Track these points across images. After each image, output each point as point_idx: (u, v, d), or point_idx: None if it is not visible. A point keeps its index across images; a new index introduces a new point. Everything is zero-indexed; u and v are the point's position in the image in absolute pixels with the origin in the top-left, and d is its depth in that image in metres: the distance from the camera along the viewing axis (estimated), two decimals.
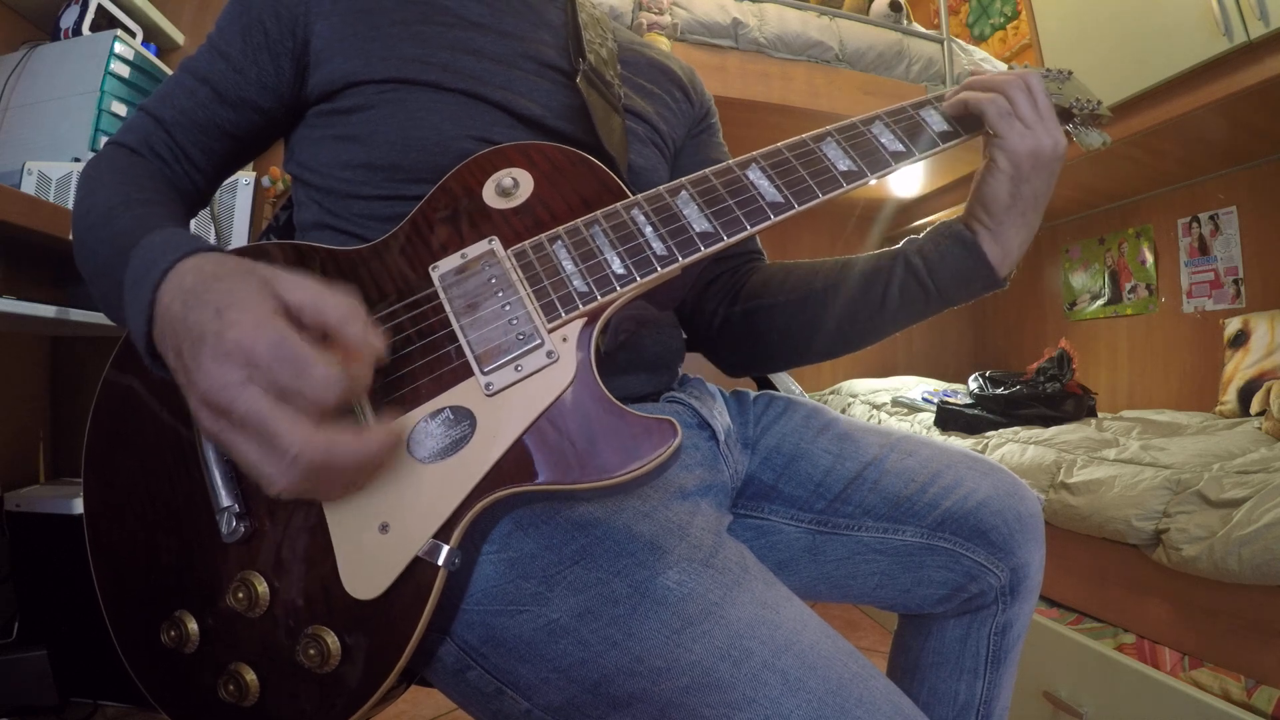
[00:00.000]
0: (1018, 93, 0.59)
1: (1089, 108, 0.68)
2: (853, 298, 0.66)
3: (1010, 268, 0.62)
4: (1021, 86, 0.60)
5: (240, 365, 0.36)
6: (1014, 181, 0.59)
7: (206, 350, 0.37)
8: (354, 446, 0.38)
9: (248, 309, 0.38)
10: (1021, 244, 0.62)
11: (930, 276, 0.63)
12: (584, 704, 0.45)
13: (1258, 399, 1.88)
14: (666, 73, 0.76)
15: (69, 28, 1.39)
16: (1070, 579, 1.51)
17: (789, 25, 2.33)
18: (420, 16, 0.60)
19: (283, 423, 0.36)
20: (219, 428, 0.38)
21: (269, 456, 0.36)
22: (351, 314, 0.40)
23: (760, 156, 0.56)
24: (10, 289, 1.04)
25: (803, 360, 0.74)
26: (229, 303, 0.38)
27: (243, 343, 0.36)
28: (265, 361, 0.36)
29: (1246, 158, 2.16)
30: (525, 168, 0.54)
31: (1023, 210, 0.60)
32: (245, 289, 0.39)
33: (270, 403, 0.36)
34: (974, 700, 0.67)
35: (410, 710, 1.44)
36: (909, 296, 0.64)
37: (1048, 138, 0.59)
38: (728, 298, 0.75)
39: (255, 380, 0.36)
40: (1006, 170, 0.59)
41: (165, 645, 0.47)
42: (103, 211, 0.52)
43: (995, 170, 0.60)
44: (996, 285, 0.63)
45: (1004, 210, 0.60)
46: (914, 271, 0.63)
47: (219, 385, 0.36)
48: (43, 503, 1.22)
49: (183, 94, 0.60)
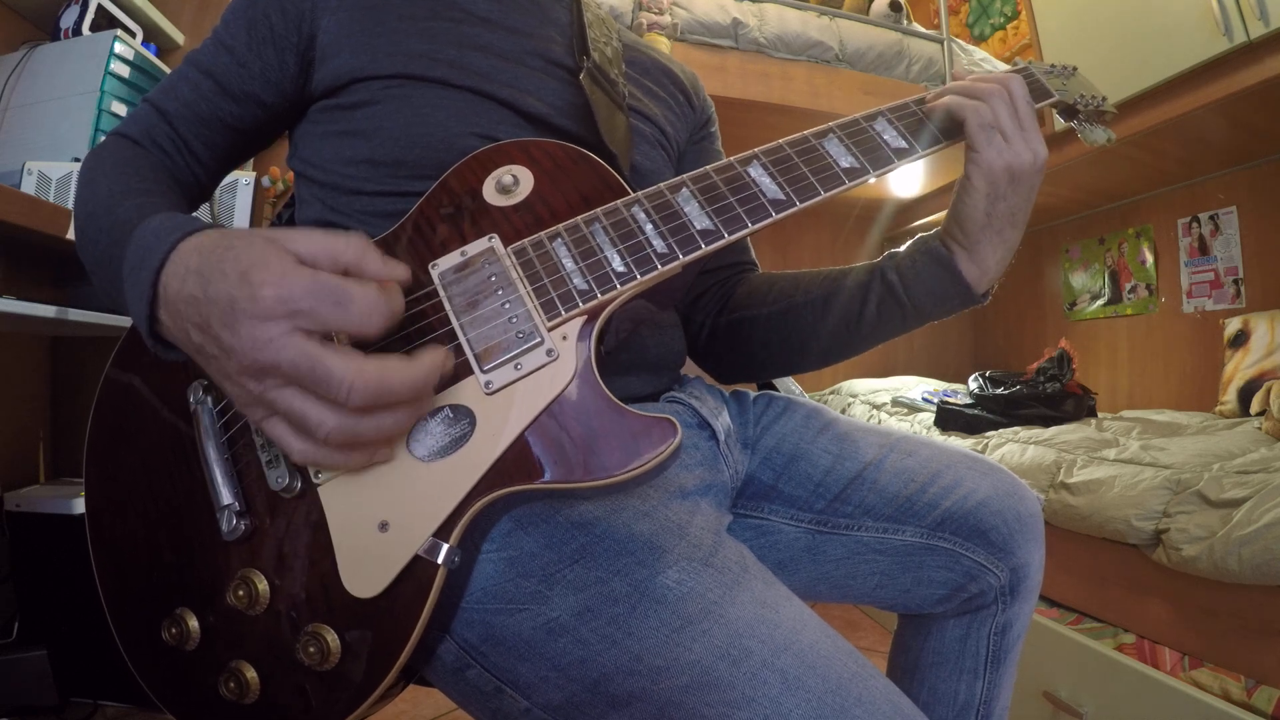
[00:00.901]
0: (999, 102, 0.57)
1: (1093, 104, 0.67)
2: (831, 313, 0.66)
3: (989, 284, 0.61)
4: (1003, 95, 0.58)
5: (282, 318, 0.37)
6: (989, 199, 0.57)
7: (242, 315, 0.38)
8: (406, 370, 0.39)
9: (270, 266, 0.38)
10: (1000, 261, 0.60)
11: (906, 294, 0.62)
12: (583, 703, 0.45)
13: (1258, 399, 1.88)
14: (670, 76, 0.76)
15: (69, 28, 1.39)
16: (1070, 579, 1.51)
17: (789, 25, 2.33)
18: (428, 12, 0.60)
19: (331, 358, 0.37)
20: (262, 389, 0.39)
21: (317, 404, 0.38)
22: (366, 248, 0.41)
23: (762, 153, 0.55)
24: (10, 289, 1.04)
25: (786, 371, 0.74)
26: (250, 265, 0.38)
27: (280, 295, 0.37)
28: (307, 305, 0.37)
29: (1246, 158, 2.16)
30: (526, 165, 0.54)
31: (999, 228, 0.58)
32: (260, 250, 0.39)
33: (316, 344, 0.37)
34: (974, 700, 0.67)
35: (410, 710, 1.44)
36: (886, 313, 0.64)
37: (1026, 151, 0.57)
38: (715, 308, 0.75)
39: (298, 326, 0.37)
40: (981, 188, 0.57)
41: (166, 642, 0.47)
42: (103, 200, 0.52)
43: (969, 187, 0.58)
44: (975, 303, 0.62)
45: (979, 229, 0.58)
46: (891, 288, 0.63)
47: (262, 343, 0.37)
48: (43, 503, 1.22)
49: (186, 86, 0.60)
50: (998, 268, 0.60)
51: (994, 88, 0.58)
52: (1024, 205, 0.58)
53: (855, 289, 0.65)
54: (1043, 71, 0.67)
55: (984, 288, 0.61)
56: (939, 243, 0.61)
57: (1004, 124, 0.57)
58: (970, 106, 0.57)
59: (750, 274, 0.78)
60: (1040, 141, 0.58)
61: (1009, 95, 0.58)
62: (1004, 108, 0.57)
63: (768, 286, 0.72)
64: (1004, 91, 0.58)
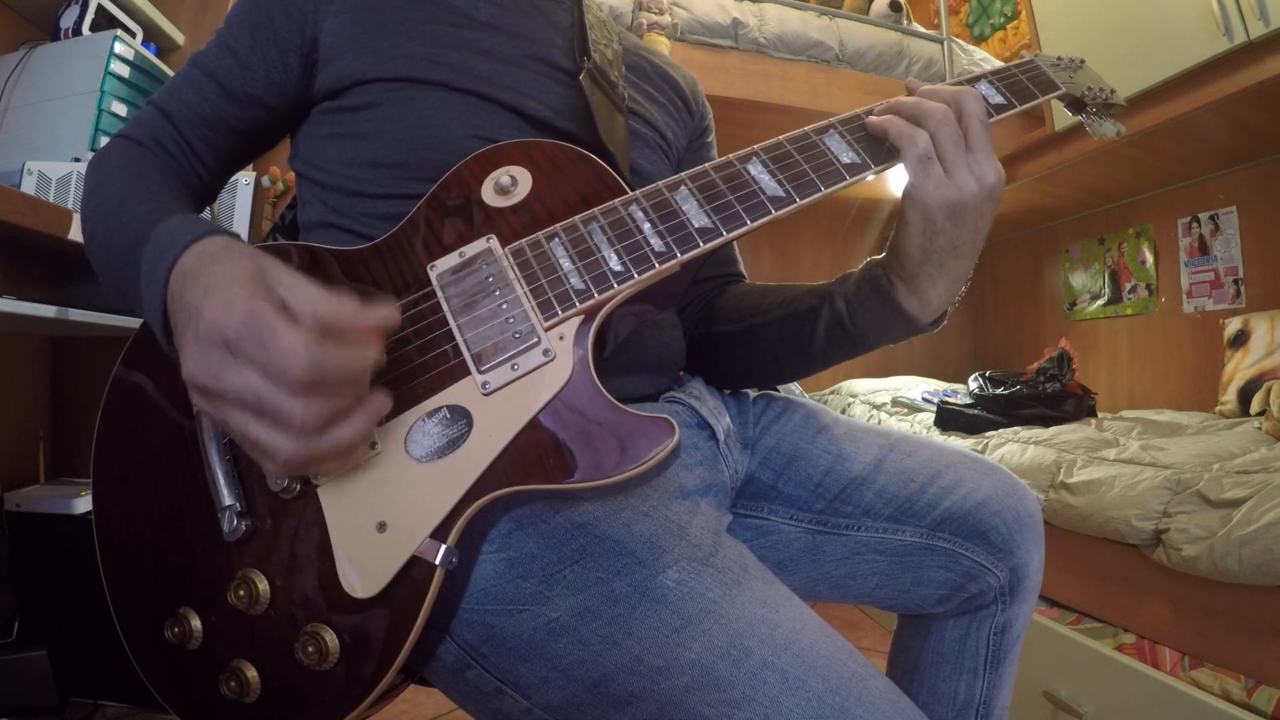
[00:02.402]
0: (943, 128, 0.52)
1: (1102, 96, 0.67)
2: (784, 336, 0.66)
3: (934, 314, 0.58)
4: (948, 118, 0.52)
5: (218, 344, 0.37)
6: (925, 235, 0.53)
7: (190, 331, 0.38)
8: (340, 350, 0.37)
9: (228, 290, 0.38)
10: (943, 293, 0.56)
11: (852, 322, 0.61)
12: (584, 703, 0.45)
13: (1258, 399, 1.88)
14: (670, 82, 0.76)
15: (69, 28, 1.39)
16: (1070, 579, 1.51)
17: (789, 25, 2.33)
18: (430, 16, 0.61)
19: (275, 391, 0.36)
20: (215, 410, 0.39)
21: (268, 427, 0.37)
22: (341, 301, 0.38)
23: (761, 150, 0.55)
24: (10, 289, 1.04)
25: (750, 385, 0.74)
26: (214, 285, 0.39)
27: (218, 321, 0.37)
28: (235, 336, 0.36)
29: (1246, 158, 2.16)
30: (524, 165, 0.54)
31: (939, 262, 0.54)
32: (235, 274, 0.39)
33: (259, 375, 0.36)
34: (973, 700, 0.67)
35: (410, 710, 1.44)
36: (834, 339, 0.63)
37: (970, 181, 0.51)
38: (694, 320, 0.75)
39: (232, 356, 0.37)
40: (916, 223, 0.53)
41: (170, 642, 0.47)
42: (114, 203, 0.52)
43: (904, 221, 0.54)
44: (922, 331, 0.59)
45: (916, 264, 0.55)
46: (838, 317, 0.61)
47: (201, 365, 0.37)
48: (43, 503, 1.22)
49: (190, 89, 0.61)
50: (941, 299, 0.56)
51: (938, 109, 0.52)
52: (969, 236, 0.53)
53: (807, 314, 0.64)
54: (1050, 64, 0.66)
55: (929, 318, 0.58)
56: (882, 273, 0.58)
57: (945, 152, 0.52)
58: (905, 135, 0.52)
59: (733, 284, 0.77)
60: (991, 165, 0.52)
61: (958, 115, 0.53)
62: (947, 132, 0.52)
63: (737, 302, 0.72)
64: (950, 113, 0.52)
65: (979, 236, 0.54)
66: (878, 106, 0.56)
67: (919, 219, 0.53)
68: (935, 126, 0.52)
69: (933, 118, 0.52)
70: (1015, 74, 0.63)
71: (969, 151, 0.52)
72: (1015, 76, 0.63)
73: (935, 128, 0.52)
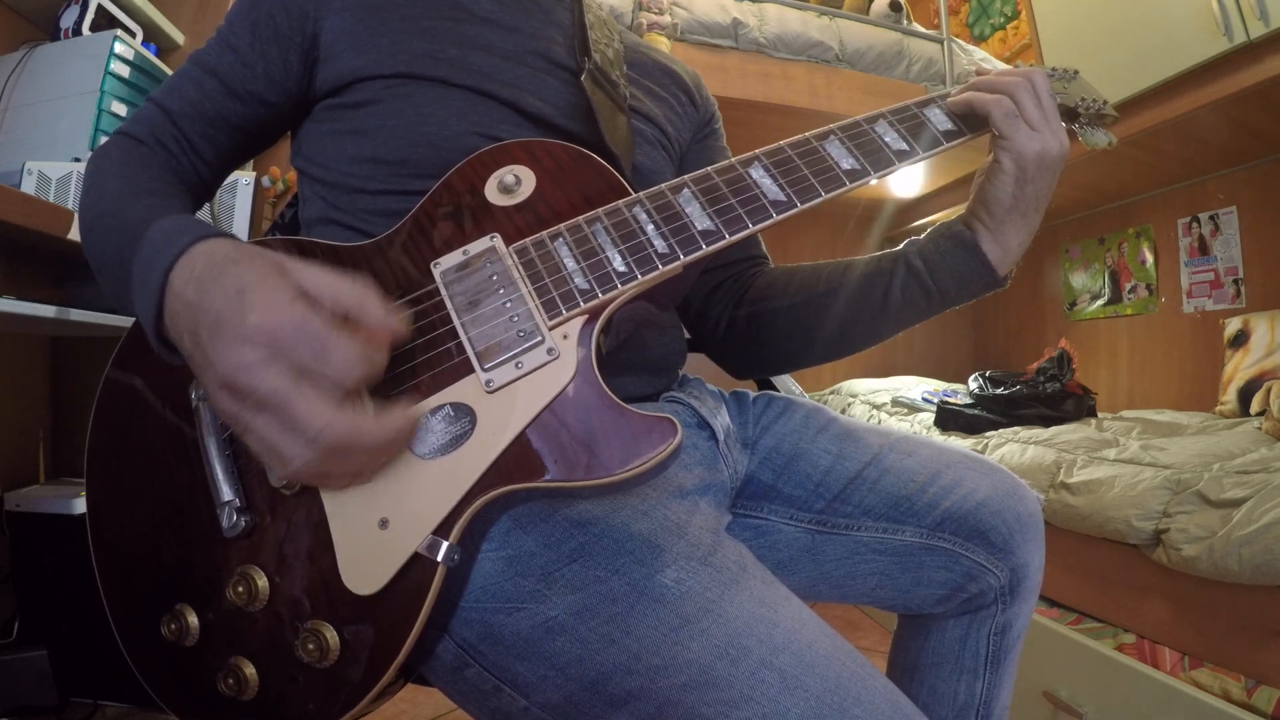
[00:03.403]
0: (1024, 94, 0.59)
1: (1095, 107, 0.67)
2: (855, 299, 0.66)
3: (1010, 267, 0.63)
4: (1028, 87, 0.59)
5: (262, 346, 0.37)
6: (1019, 183, 0.59)
7: (227, 332, 0.38)
8: (374, 429, 0.39)
9: (267, 291, 0.38)
10: (1021, 244, 0.62)
11: (931, 277, 0.63)
12: (582, 702, 0.45)
13: (1258, 399, 1.88)
14: (672, 76, 0.77)
15: (69, 28, 1.39)
16: (1070, 579, 1.51)
17: (789, 25, 2.33)
18: (430, 12, 0.61)
19: (305, 402, 0.37)
20: (238, 408, 0.38)
21: (289, 436, 0.37)
22: (368, 297, 0.41)
23: (763, 154, 0.55)
24: (10, 289, 1.04)
25: (806, 363, 0.74)
26: (247, 284, 0.38)
27: (265, 324, 0.37)
28: (289, 343, 0.37)
29: (1246, 158, 2.17)
30: (528, 164, 0.54)
31: (1024, 211, 0.60)
32: (262, 272, 0.39)
33: (292, 382, 0.37)
34: (973, 700, 0.67)
35: (410, 710, 1.44)
36: (910, 297, 0.64)
37: (1054, 140, 0.58)
38: (732, 301, 0.75)
39: (277, 360, 0.37)
40: (1011, 172, 0.59)
41: (166, 638, 0.47)
42: (111, 201, 0.52)
43: (999, 172, 0.59)
44: (997, 285, 0.63)
45: (1006, 211, 0.60)
46: (915, 273, 0.64)
47: (242, 366, 0.37)
48: (43, 503, 1.22)
49: (191, 86, 0.60)
50: (1019, 249, 0.62)
51: (1018, 80, 0.59)
52: (1047, 190, 0.60)
53: (878, 275, 0.66)
54: (1044, 75, 0.67)
55: (1006, 269, 0.62)
56: (963, 226, 0.63)
57: (1029, 113, 0.58)
58: (992, 100, 0.59)
59: (764, 267, 0.78)
60: (1063, 132, 0.60)
61: (1033, 87, 0.59)
62: (1029, 98, 0.59)
63: (788, 278, 0.72)
64: (1028, 84, 0.59)
65: (1050, 194, 0.61)
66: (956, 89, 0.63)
67: (1014, 166, 0.58)
68: (1018, 94, 0.59)
69: (1014, 86, 0.59)
70: None
71: (1046, 119, 0.59)
72: None
73: (1017, 94, 0.59)
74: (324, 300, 0.40)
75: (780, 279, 0.73)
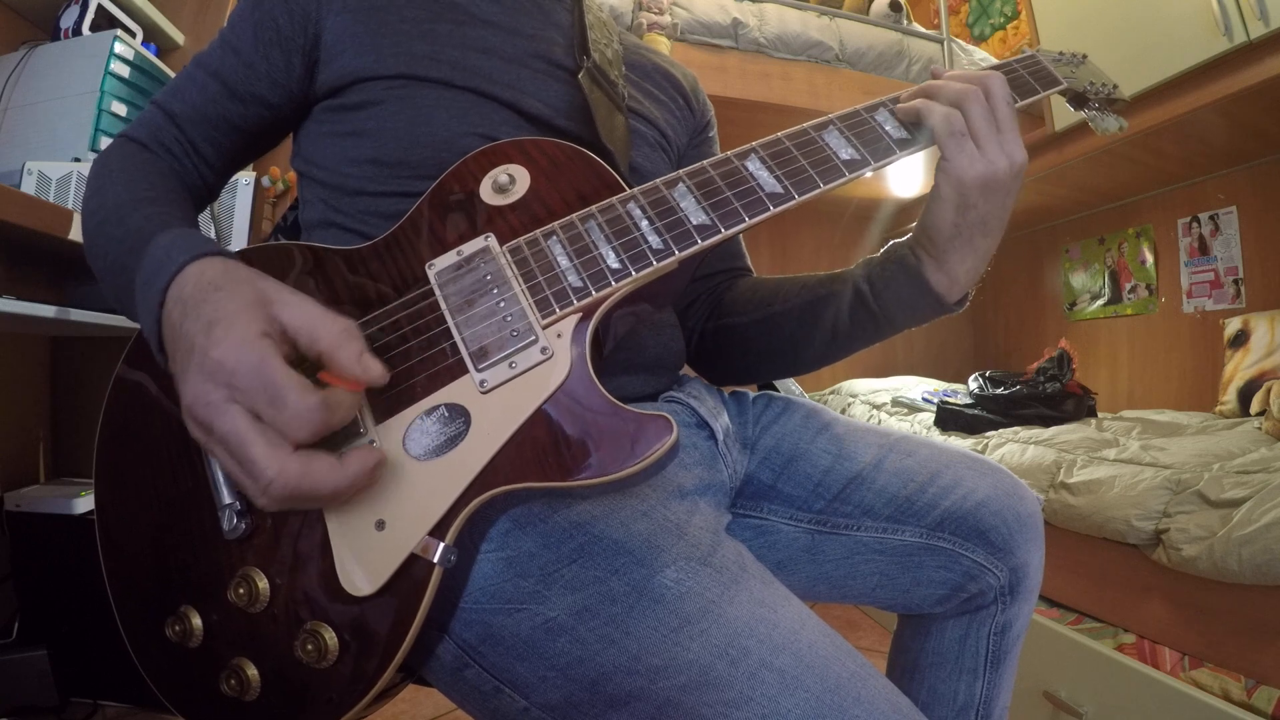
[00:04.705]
0: (974, 106, 0.54)
1: (1104, 92, 0.66)
2: (807, 322, 0.66)
3: (961, 293, 0.59)
4: (979, 97, 0.54)
5: (223, 385, 0.37)
6: (958, 209, 0.54)
7: (194, 364, 0.38)
8: (328, 477, 0.38)
9: (234, 327, 0.38)
10: (970, 270, 0.57)
11: (877, 303, 0.61)
12: (582, 702, 0.45)
13: (1258, 399, 1.88)
14: (670, 80, 0.77)
15: (69, 28, 1.39)
16: (1070, 579, 1.51)
17: (789, 25, 2.33)
18: (431, 14, 0.61)
19: (257, 447, 0.36)
20: (204, 438, 0.39)
21: (246, 475, 0.37)
22: (344, 341, 0.40)
23: (760, 146, 0.55)
24: (10, 289, 1.04)
25: (769, 377, 0.74)
26: (219, 317, 0.39)
27: (225, 363, 0.37)
28: (244, 385, 0.37)
29: (1246, 158, 2.16)
30: (522, 163, 0.54)
31: (969, 238, 0.55)
32: (238, 305, 0.39)
33: (248, 425, 0.37)
34: (973, 700, 0.67)
35: (410, 710, 1.44)
36: (859, 322, 0.63)
37: (1001, 158, 0.53)
38: (704, 314, 0.75)
39: (236, 401, 0.37)
40: (950, 199, 0.54)
41: (170, 639, 0.47)
42: (113, 209, 0.52)
43: (937, 198, 0.55)
44: (948, 311, 0.60)
45: (948, 240, 0.56)
46: (862, 298, 0.62)
47: (201, 401, 0.37)
48: (43, 503, 1.22)
49: (194, 88, 0.61)
50: (968, 277, 0.57)
51: (969, 89, 0.54)
52: (998, 213, 0.55)
53: (829, 298, 0.64)
54: (1051, 59, 0.66)
55: (956, 296, 0.59)
56: (909, 250, 0.59)
57: (977, 129, 0.54)
58: (940, 113, 0.54)
59: (742, 278, 0.77)
60: (1018, 146, 0.54)
61: (985, 96, 0.55)
62: (978, 111, 0.54)
63: (751, 293, 0.72)
64: (980, 92, 0.54)
65: (1005, 214, 0.56)
66: (906, 92, 0.58)
67: (953, 193, 0.54)
68: (967, 105, 0.54)
69: (964, 97, 0.54)
70: (1017, 69, 0.63)
71: (999, 132, 0.54)
72: (1017, 71, 0.63)
73: (967, 106, 0.54)
74: (300, 340, 0.40)
75: (746, 293, 0.73)
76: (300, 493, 0.37)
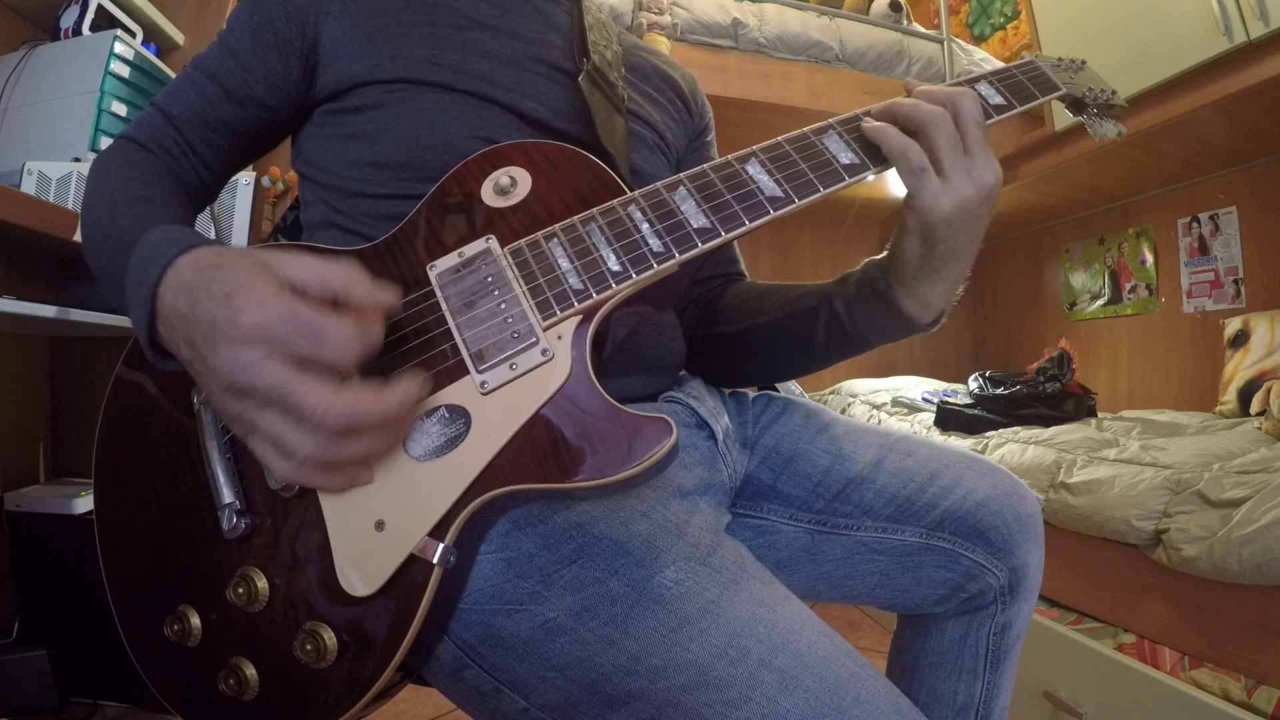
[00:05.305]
0: (939, 133, 0.51)
1: (1103, 97, 0.66)
2: (784, 334, 0.66)
3: (933, 315, 0.58)
4: (945, 122, 0.51)
5: (258, 343, 0.37)
6: (925, 244, 0.53)
7: (222, 336, 0.38)
8: (376, 403, 0.39)
9: (253, 289, 0.39)
10: (943, 295, 0.56)
11: (851, 323, 0.61)
12: (581, 703, 0.45)
13: (1258, 399, 1.88)
14: (669, 82, 0.77)
15: (69, 28, 1.39)
16: (1070, 579, 1.51)
17: (789, 25, 2.33)
18: (430, 18, 0.61)
19: (305, 385, 0.37)
20: (242, 409, 0.39)
21: (294, 426, 0.38)
22: (353, 275, 0.41)
23: (760, 150, 0.54)
24: (10, 289, 1.04)
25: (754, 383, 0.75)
26: (234, 288, 0.39)
27: (256, 322, 0.38)
28: (283, 335, 0.37)
29: (1246, 158, 2.16)
30: (524, 166, 0.54)
31: (938, 268, 0.54)
32: (247, 273, 0.40)
33: (290, 372, 0.38)
34: (973, 700, 0.67)
35: (410, 710, 1.44)
36: (833, 338, 0.63)
37: (969, 186, 0.51)
38: (695, 320, 0.76)
39: (274, 354, 0.38)
40: (916, 233, 0.53)
41: (169, 639, 0.47)
42: (107, 209, 0.53)
43: (904, 229, 0.54)
44: (922, 330, 0.59)
45: (916, 270, 0.55)
46: (836, 317, 0.62)
47: (240, 366, 0.38)
48: (43, 503, 1.23)
49: (192, 91, 0.61)
50: (940, 301, 0.57)
51: (935, 113, 0.52)
52: (967, 240, 0.53)
53: (807, 315, 0.64)
54: (1050, 64, 0.66)
55: (928, 319, 0.58)
56: (880, 275, 0.58)
57: (942, 159, 0.51)
58: (899, 148, 0.52)
59: (733, 285, 0.77)
60: (989, 167, 0.52)
61: (954, 119, 0.52)
62: (944, 137, 0.51)
63: (738, 302, 0.72)
64: (947, 116, 0.52)
65: (976, 238, 0.54)
66: (875, 108, 0.56)
67: (917, 227, 0.53)
68: (933, 131, 0.51)
69: (930, 122, 0.51)
70: (1015, 75, 0.63)
71: (967, 155, 0.51)
72: (1015, 77, 0.63)
73: (933, 133, 0.51)
74: (311, 288, 0.40)
75: (732, 303, 0.73)
76: (352, 423, 0.38)
